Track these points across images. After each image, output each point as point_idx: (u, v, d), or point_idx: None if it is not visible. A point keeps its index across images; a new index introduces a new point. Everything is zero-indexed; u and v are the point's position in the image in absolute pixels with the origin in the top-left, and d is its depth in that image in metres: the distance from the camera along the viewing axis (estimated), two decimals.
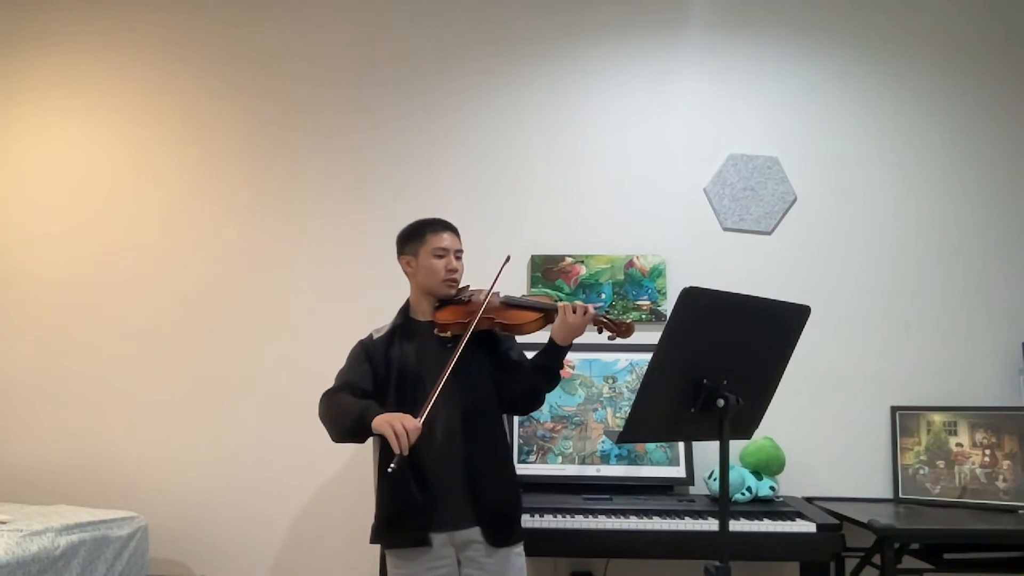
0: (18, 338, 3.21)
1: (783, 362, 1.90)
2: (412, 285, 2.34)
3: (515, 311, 2.23)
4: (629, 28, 3.23)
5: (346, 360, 2.29)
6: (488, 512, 2.13)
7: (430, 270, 2.25)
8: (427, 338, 2.24)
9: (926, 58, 3.17)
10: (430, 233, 2.27)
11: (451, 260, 2.26)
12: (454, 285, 2.29)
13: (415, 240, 2.29)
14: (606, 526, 2.40)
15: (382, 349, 2.23)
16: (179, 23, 3.32)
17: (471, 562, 2.13)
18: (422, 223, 2.33)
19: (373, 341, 2.27)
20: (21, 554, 2.31)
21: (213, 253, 3.21)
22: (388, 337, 2.26)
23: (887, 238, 3.10)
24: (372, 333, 2.31)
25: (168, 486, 3.09)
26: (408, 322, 2.30)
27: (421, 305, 2.31)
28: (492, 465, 2.18)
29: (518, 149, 3.20)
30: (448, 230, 2.30)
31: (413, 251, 2.29)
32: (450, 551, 2.13)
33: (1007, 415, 2.77)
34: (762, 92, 3.18)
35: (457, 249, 2.30)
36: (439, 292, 2.28)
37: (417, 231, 2.30)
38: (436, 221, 2.32)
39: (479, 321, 2.16)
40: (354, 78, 3.26)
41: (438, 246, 2.26)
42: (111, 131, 3.29)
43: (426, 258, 2.26)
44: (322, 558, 3.04)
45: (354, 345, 2.31)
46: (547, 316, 2.20)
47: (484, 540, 2.12)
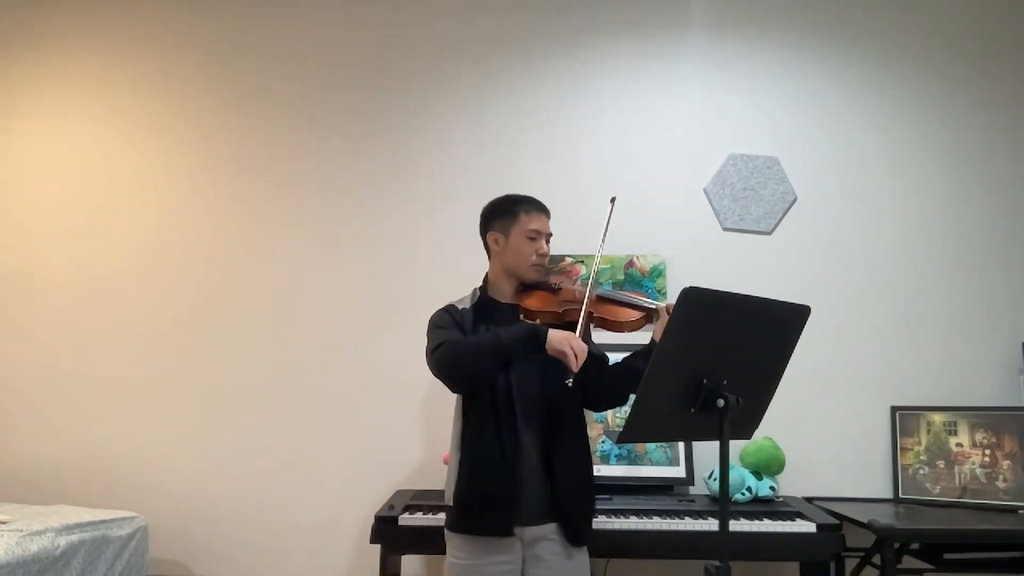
0: (18, 338, 3.21)
1: (783, 362, 1.90)
2: (493, 263, 2.22)
3: (615, 307, 2.13)
4: (629, 28, 3.23)
5: (433, 324, 2.13)
6: (567, 510, 2.06)
7: (519, 252, 2.15)
8: (509, 321, 2.11)
9: (926, 58, 3.17)
10: (524, 213, 2.16)
11: (542, 244, 2.16)
12: (541, 270, 2.19)
13: (506, 217, 2.17)
14: (606, 526, 2.39)
15: (470, 320, 2.12)
16: (179, 23, 3.32)
17: (538, 560, 2.05)
18: (514, 199, 2.20)
19: (459, 311, 2.14)
20: (21, 554, 2.31)
21: (213, 253, 3.21)
22: (474, 312, 2.14)
23: (887, 238, 3.10)
24: (454, 304, 2.18)
25: (168, 486, 3.09)
26: (488, 301, 2.19)
27: (502, 285, 2.20)
28: (574, 463, 2.11)
29: (518, 149, 3.20)
30: (543, 212, 2.19)
31: (503, 229, 2.17)
32: (519, 546, 2.05)
33: (1007, 415, 2.77)
34: (762, 92, 3.18)
35: (549, 232, 2.19)
36: (526, 276, 2.17)
37: (509, 208, 2.17)
38: (530, 200, 2.20)
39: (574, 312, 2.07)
40: (353, 78, 3.26)
41: (532, 227, 2.15)
42: (111, 131, 3.30)
43: (517, 238, 2.15)
44: (322, 558, 3.04)
45: (436, 313, 2.16)
46: (648, 316, 2.10)
47: (560, 538, 2.05)
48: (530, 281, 2.19)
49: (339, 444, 3.06)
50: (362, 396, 3.09)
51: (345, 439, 3.06)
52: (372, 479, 3.02)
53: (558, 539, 2.06)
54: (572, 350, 1.91)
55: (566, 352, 1.91)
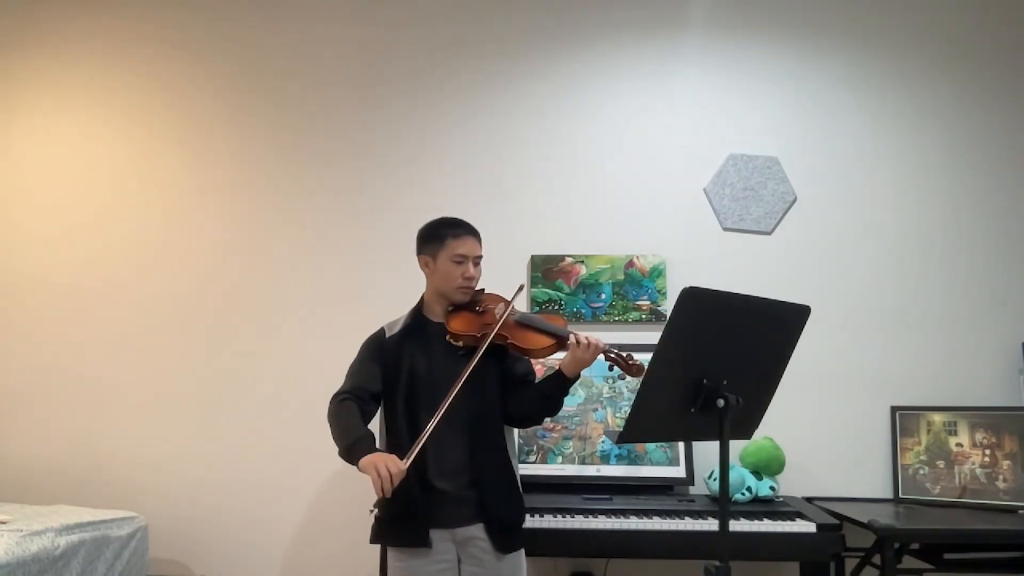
0: (18, 339, 3.21)
1: (783, 362, 1.90)
2: (428, 284, 2.32)
3: (529, 333, 2.20)
4: (629, 28, 3.23)
5: (358, 354, 2.27)
6: (493, 518, 2.13)
7: (447, 275, 2.22)
8: (439, 340, 2.22)
9: (926, 58, 3.17)
10: (451, 238, 2.23)
11: (469, 268, 2.22)
12: (469, 292, 2.26)
13: (435, 242, 2.24)
14: (606, 526, 2.40)
15: (394, 349, 2.22)
16: (179, 23, 3.32)
17: (472, 559, 2.12)
18: (443, 224, 2.28)
19: (386, 340, 2.25)
20: (21, 554, 2.31)
21: (214, 253, 3.21)
22: (400, 336, 2.24)
23: (887, 238, 3.10)
24: (384, 329, 2.29)
25: (168, 486, 3.09)
26: (421, 321, 2.28)
27: (434, 306, 2.30)
28: (496, 470, 2.18)
29: (518, 149, 3.20)
30: (470, 235, 2.25)
31: (432, 252, 2.25)
32: (450, 547, 2.13)
33: (1007, 415, 2.77)
34: (762, 92, 3.18)
35: (477, 255, 2.25)
36: (453, 298, 2.26)
37: (438, 233, 2.25)
38: (458, 224, 2.27)
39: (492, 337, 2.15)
40: (353, 78, 3.26)
41: (457, 252, 2.21)
42: (111, 132, 3.29)
43: (444, 262, 2.22)
44: (322, 558, 3.04)
45: (367, 339, 2.28)
46: (560, 343, 2.17)
47: (490, 544, 2.11)
48: (458, 302, 2.27)
49: None
50: None
51: None
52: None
53: (486, 537, 2.12)
54: (379, 474, 1.93)
55: (371, 475, 1.95)
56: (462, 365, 2.14)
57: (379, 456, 1.98)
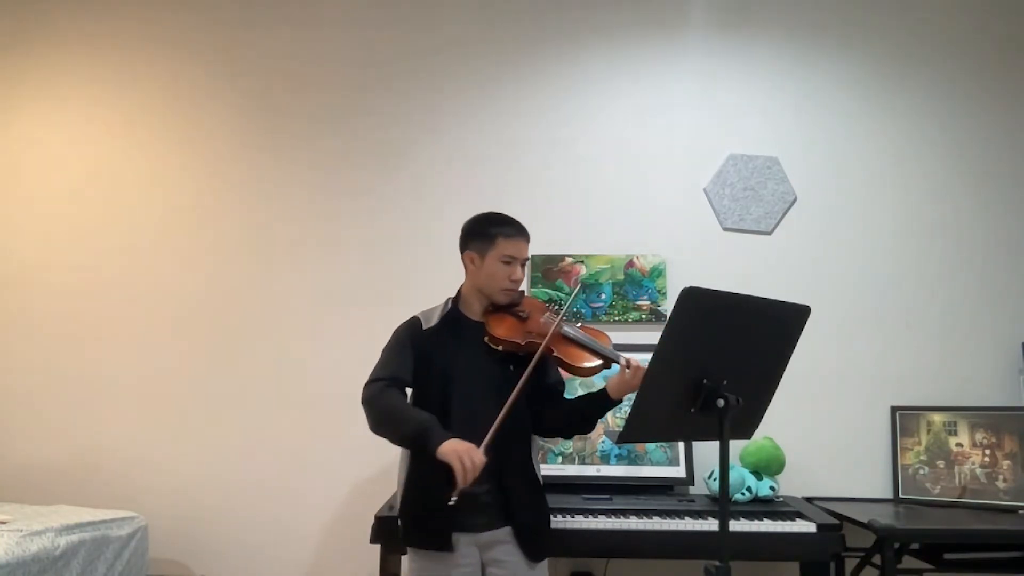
0: (18, 339, 3.21)
1: (783, 362, 1.90)
2: (468, 280, 2.24)
3: (577, 350, 2.14)
4: (629, 28, 3.23)
5: (392, 341, 2.18)
6: (520, 522, 2.09)
7: (493, 275, 2.16)
8: (474, 339, 2.16)
9: (926, 58, 3.17)
10: (502, 237, 2.15)
11: (517, 270, 2.16)
12: (512, 295, 2.20)
13: (484, 240, 2.17)
14: (606, 526, 2.39)
15: (429, 342, 2.14)
16: (179, 23, 3.32)
17: (497, 564, 2.09)
18: (494, 221, 2.20)
19: (422, 332, 2.16)
20: (21, 554, 2.31)
21: (214, 253, 3.21)
22: (436, 330, 2.17)
23: (887, 238, 3.10)
24: (420, 320, 2.20)
25: (168, 486, 3.09)
26: (457, 316, 2.21)
27: (473, 303, 2.22)
28: (522, 475, 2.14)
29: (518, 149, 3.20)
30: (521, 236, 2.18)
31: (479, 250, 2.17)
32: (474, 552, 2.08)
33: (1007, 415, 2.77)
34: (762, 92, 3.18)
35: (525, 258, 2.19)
36: (495, 298, 2.19)
37: (488, 231, 2.17)
38: (509, 222, 2.20)
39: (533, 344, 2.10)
40: (354, 79, 3.26)
41: (507, 253, 2.15)
42: (111, 132, 3.30)
43: (492, 262, 2.15)
44: (322, 558, 3.04)
45: (402, 327, 2.20)
46: (606, 364, 2.13)
47: (517, 548, 2.08)
48: (500, 304, 2.21)
49: (339, 444, 3.06)
50: None
51: (345, 439, 3.05)
52: (372, 479, 3.02)
53: (513, 541, 2.09)
54: (462, 465, 1.88)
55: (455, 466, 1.89)
56: (496, 368, 2.12)
57: (460, 445, 1.92)
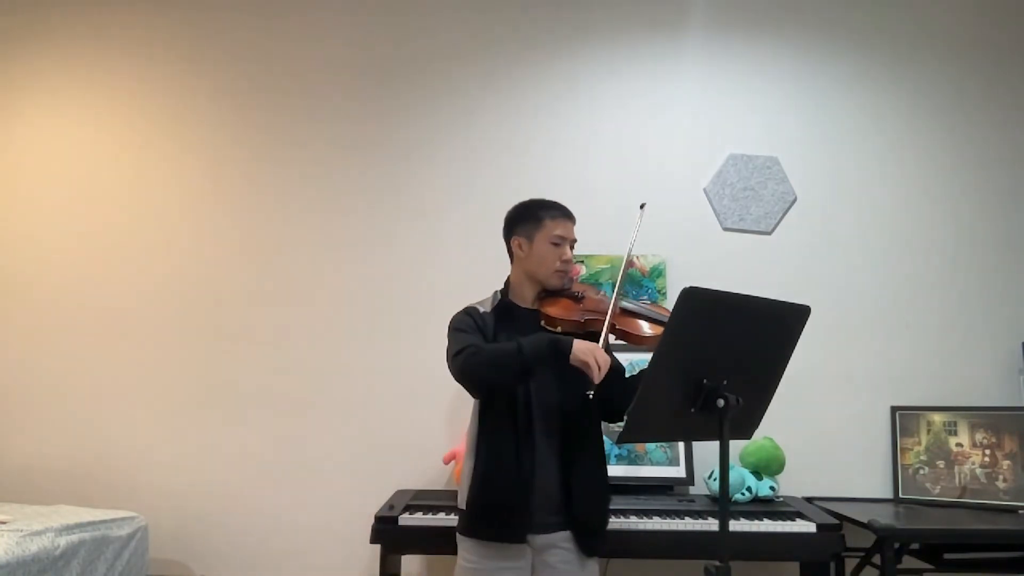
0: (18, 339, 3.21)
1: (783, 362, 1.90)
2: (516, 268, 2.21)
3: (638, 320, 2.09)
4: (629, 28, 3.23)
5: (455, 327, 2.11)
6: (581, 519, 2.06)
7: (543, 258, 2.13)
8: (530, 326, 2.10)
9: (926, 58, 3.18)
10: (549, 219, 2.14)
11: (566, 250, 2.14)
12: (564, 277, 2.16)
13: (531, 223, 2.15)
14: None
15: (490, 325, 2.10)
16: (179, 23, 3.32)
17: (547, 567, 2.05)
18: (539, 205, 2.18)
19: (480, 314, 2.12)
20: (21, 554, 2.31)
21: (214, 253, 3.21)
22: (495, 315, 2.13)
23: (887, 238, 3.10)
24: (475, 306, 2.16)
25: (168, 486, 3.09)
26: (508, 305, 2.17)
27: (523, 290, 2.18)
28: (589, 472, 2.10)
29: (518, 149, 3.20)
30: (568, 218, 2.17)
31: (527, 234, 2.15)
32: (529, 553, 2.05)
33: (1007, 415, 2.77)
34: (762, 92, 3.18)
35: (573, 239, 2.17)
36: (548, 282, 2.15)
37: (534, 214, 2.16)
38: (555, 206, 2.18)
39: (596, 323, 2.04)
40: (354, 79, 3.26)
41: (556, 233, 2.12)
42: (112, 132, 3.29)
43: (541, 244, 2.13)
44: (322, 558, 3.04)
45: (459, 315, 2.14)
46: None
47: (573, 546, 2.04)
48: (553, 287, 2.17)
49: (339, 444, 3.06)
50: (362, 396, 3.09)
51: (345, 439, 3.06)
52: (372, 479, 3.02)
53: (570, 547, 2.05)
54: (596, 362, 1.88)
55: (590, 364, 1.88)
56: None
57: (587, 344, 1.91)
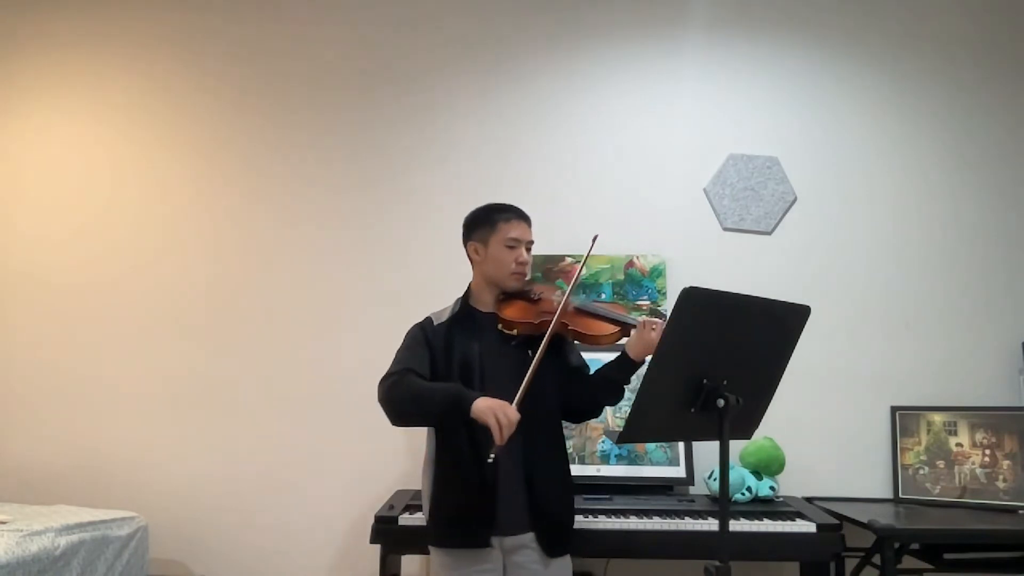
0: (18, 339, 3.21)
1: (783, 362, 1.90)
2: (475, 272, 2.23)
3: (592, 320, 2.12)
4: (629, 28, 3.23)
5: (404, 342, 2.16)
6: (545, 520, 2.08)
7: (499, 261, 2.14)
8: (488, 331, 2.14)
9: (927, 58, 3.17)
10: (503, 222, 2.15)
11: (522, 252, 2.15)
12: (522, 279, 2.18)
13: (485, 227, 2.17)
14: (606, 526, 2.40)
15: (443, 336, 2.13)
16: (179, 23, 3.32)
17: (518, 567, 2.07)
18: (493, 208, 2.20)
19: (434, 327, 2.15)
20: (21, 554, 2.31)
21: (214, 253, 3.21)
22: (449, 325, 2.15)
23: (887, 238, 3.10)
24: (431, 318, 2.19)
25: (168, 486, 3.09)
26: (469, 311, 2.19)
27: (483, 295, 2.21)
28: (551, 472, 2.12)
29: (518, 149, 3.20)
30: (522, 219, 2.18)
31: (482, 239, 2.17)
32: (498, 555, 2.07)
33: (1007, 415, 2.77)
34: (762, 92, 3.18)
35: (529, 240, 2.18)
36: (506, 285, 2.17)
37: (488, 218, 2.17)
38: (509, 208, 2.19)
39: (547, 323, 2.06)
40: (354, 79, 3.26)
41: (510, 236, 2.14)
42: (111, 131, 3.30)
43: (496, 248, 2.14)
44: (322, 558, 3.04)
45: (413, 328, 2.18)
46: (624, 330, 2.10)
47: (539, 548, 2.06)
48: (511, 290, 2.19)
49: (339, 444, 3.06)
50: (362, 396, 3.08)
51: (345, 439, 3.05)
52: (372, 479, 3.02)
53: (536, 547, 2.07)
54: (497, 421, 1.86)
55: (490, 424, 1.87)
56: (515, 356, 2.09)
57: (493, 401, 1.90)
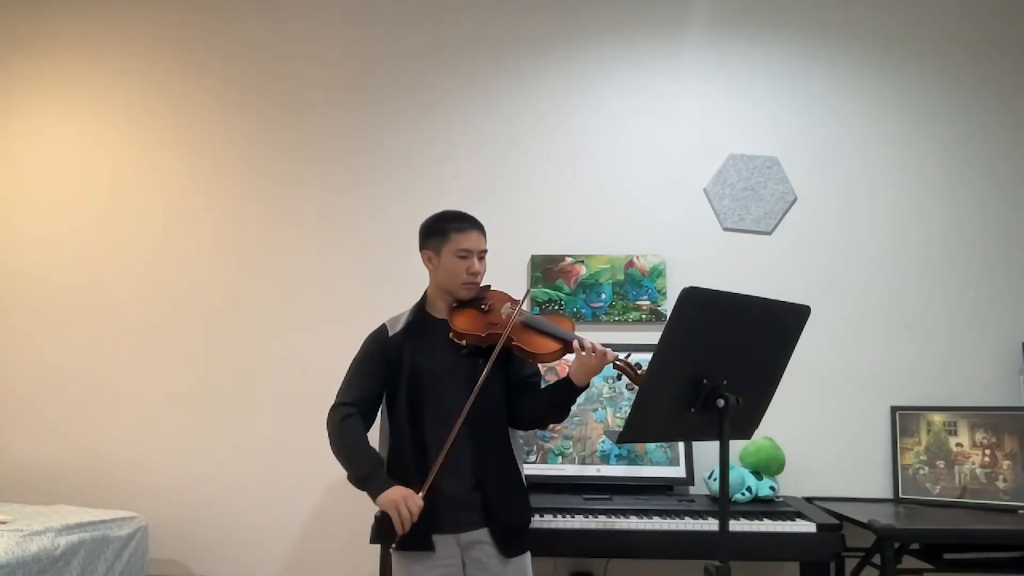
0: (18, 339, 3.21)
1: (783, 362, 1.90)
2: (431, 279, 2.26)
3: (536, 336, 2.14)
4: (629, 28, 3.23)
5: (359, 353, 2.21)
6: (498, 522, 2.10)
7: (451, 270, 2.17)
8: (441, 337, 2.18)
9: (926, 58, 3.17)
10: (455, 232, 2.17)
11: (474, 263, 2.17)
12: (474, 288, 2.21)
13: (438, 236, 2.19)
14: (606, 526, 2.40)
15: (396, 347, 2.16)
16: (179, 23, 3.32)
17: (476, 563, 2.09)
18: (446, 218, 2.22)
19: (388, 338, 2.18)
20: (21, 554, 2.31)
21: (214, 253, 3.21)
22: (403, 334, 2.18)
23: (887, 238, 3.10)
24: (387, 326, 2.22)
25: (168, 486, 3.09)
26: (423, 317, 2.23)
27: (438, 302, 2.24)
28: (502, 474, 2.15)
29: (518, 149, 3.20)
30: (475, 229, 2.20)
31: (434, 247, 2.20)
32: (455, 551, 2.09)
33: (1007, 415, 2.77)
34: (762, 92, 3.18)
35: (481, 250, 2.20)
36: (457, 294, 2.21)
37: (440, 227, 2.19)
38: (462, 218, 2.21)
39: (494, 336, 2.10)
40: (354, 78, 3.26)
41: (462, 247, 2.16)
42: (111, 132, 3.29)
43: (448, 257, 2.17)
44: (322, 558, 3.04)
45: (368, 337, 2.23)
46: (566, 347, 2.11)
47: (495, 548, 2.09)
48: (463, 299, 2.22)
49: None
50: None
51: None
52: None
53: (492, 543, 2.09)
54: (399, 513, 1.94)
55: (392, 514, 1.95)
56: (465, 364, 2.12)
57: (397, 493, 1.97)
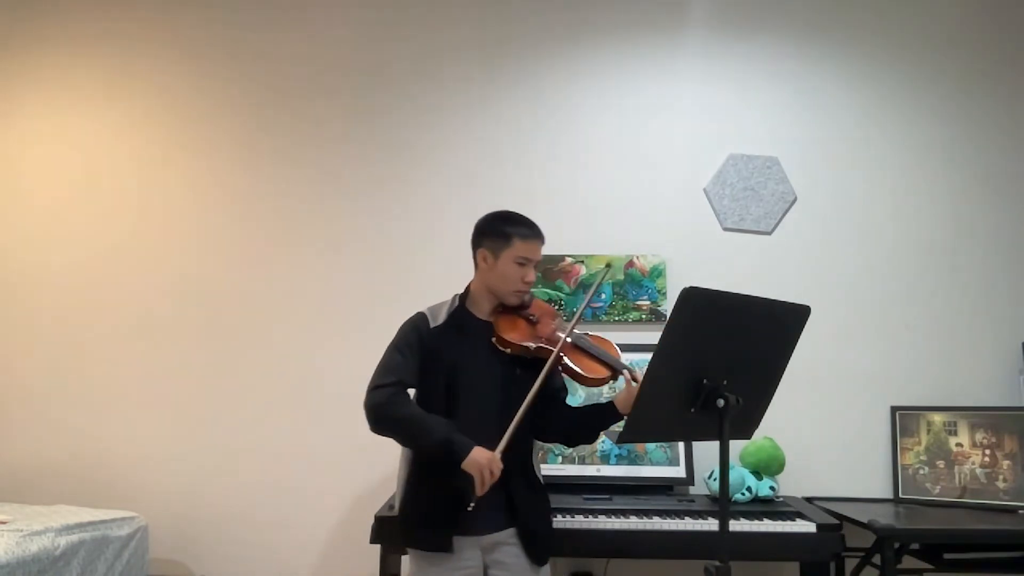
0: (18, 339, 3.21)
1: (783, 362, 1.90)
2: (477, 278, 2.21)
3: (587, 359, 2.12)
4: (629, 28, 3.23)
5: (398, 338, 2.14)
6: (523, 516, 2.09)
7: (505, 275, 2.13)
8: (482, 339, 2.14)
9: (926, 58, 3.17)
10: (519, 238, 2.12)
11: (530, 272, 2.13)
12: (523, 297, 2.18)
13: (500, 239, 2.13)
14: (606, 526, 2.40)
15: (435, 341, 2.11)
16: (179, 24, 3.32)
17: (500, 565, 2.08)
18: (512, 220, 2.16)
19: (429, 329, 2.13)
20: (21, 554, 2.31)
21: (214, 253, 3.21)
22: (443, 328, 2.14)
23: (887, 238, 3.10)
24: (427, 316, 2.16)
25: (168, 486, 3.09)
26: (464, 314, 2.18)
27: (481, 301, 2.20)
28: (525, 477, 2.14)
29: (518, 149, 3.20)
30: (539, 239, 2.16)
31: (494, 249, 2.14)
32: (476, 554, 2.07)
33: (1007, 415, 2.77)
34: (762, 92, 3.18)
35: (538, 260, 2.17)
36: (507, 300, 2.17)
37: (505, 231, 2.13)
38: (525, 223, 2.16)
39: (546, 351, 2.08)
40: (354, 80, 3.26)
41: (523, 255, 2.12)
42: (111, 132, 3.30)
43: (506, 262, 2.12)
44: (322, 558, 3.04)
45: (408, 324, 2.16)
46: (614, 376, 2.11)
47: (521, 550, 2.08)
48: (510, 304, 2.19)
49: (339, 444, 3.05)
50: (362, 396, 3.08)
51: (345, 439, 3.05)
52: (372, 479, 3.02)
53: (517, 543, 2.08)
54: (482, 477, 1.93)
55: (475, 477, 1.94)
56: (501, 369, 2.11)
57: (483, 456, 1.94)
